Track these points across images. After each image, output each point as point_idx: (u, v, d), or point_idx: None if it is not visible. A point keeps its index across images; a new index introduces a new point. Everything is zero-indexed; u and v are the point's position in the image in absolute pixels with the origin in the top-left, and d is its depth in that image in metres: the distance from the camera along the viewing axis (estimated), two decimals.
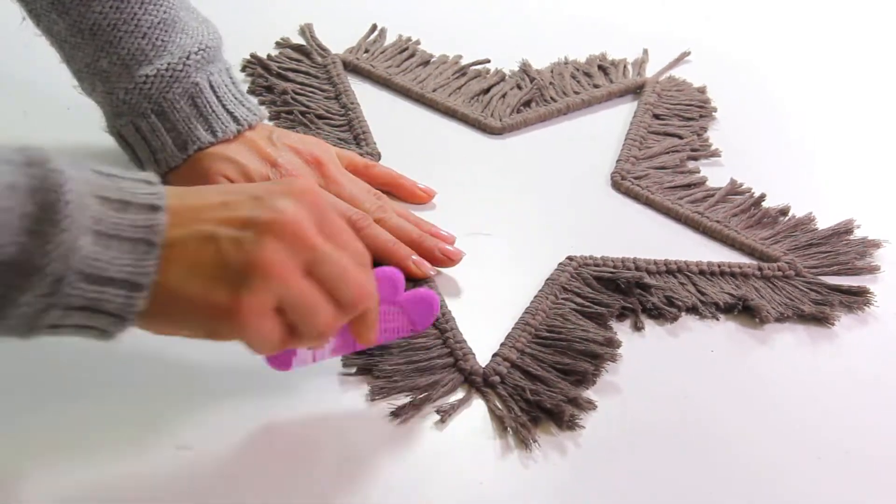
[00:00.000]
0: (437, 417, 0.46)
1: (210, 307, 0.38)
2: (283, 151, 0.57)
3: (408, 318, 0.48)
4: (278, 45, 0.78)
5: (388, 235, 0.55)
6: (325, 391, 0.47)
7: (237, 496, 0.42)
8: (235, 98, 0.57)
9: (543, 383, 0.48)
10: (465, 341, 0.50)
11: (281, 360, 0.45)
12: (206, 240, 0.38)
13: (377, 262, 0.55)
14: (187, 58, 0.55)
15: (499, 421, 0.46)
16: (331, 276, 0.40)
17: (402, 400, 0.47)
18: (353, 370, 0.48)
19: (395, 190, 0.62)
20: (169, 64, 0.54)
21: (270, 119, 0.68)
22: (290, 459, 0.44)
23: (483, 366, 0.49)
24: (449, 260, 0.56)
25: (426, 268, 0.55)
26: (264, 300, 0.38)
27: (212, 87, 0.56)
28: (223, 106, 0.56)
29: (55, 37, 0.56)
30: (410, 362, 0.48)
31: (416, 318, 0.48)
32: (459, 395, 0.48)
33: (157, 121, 0.55)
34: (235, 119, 0.56)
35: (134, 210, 0.37)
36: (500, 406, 0.47)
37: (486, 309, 0.54)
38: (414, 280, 0.54)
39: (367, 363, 0.48)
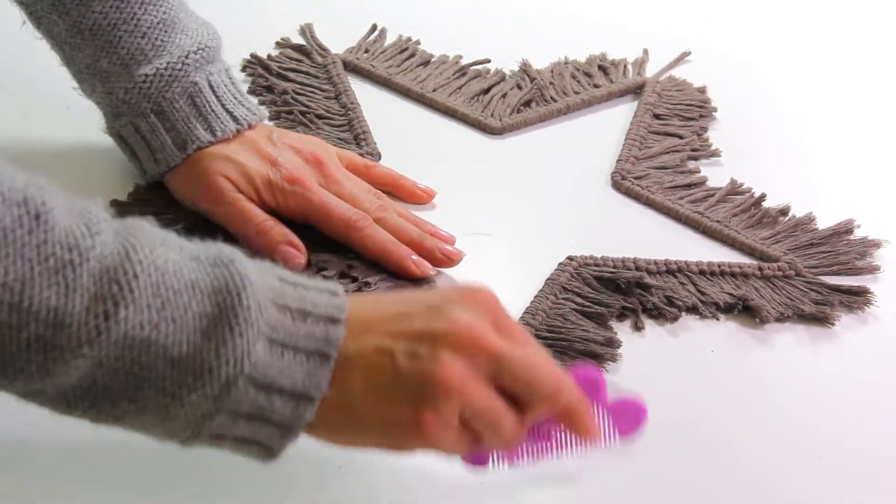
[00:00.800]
0: None
1: (390, 424, 0.37)
2: (282, 150, 0.57)
3: (614, 424, 0.42)
4: (278, 45, 0.78)
5: (388, 235, 0.55)
6: None
7: (237, 496, 0.42)
8: (235, 98, 0.57)
9: None
10: None
11: (477, 459, 0.41)
12: (381, 353, 0.37)
13: (381, 269, 0.55)
14: (186, 57, 0.55)
15: None
16: (521, 377, 0.38)
17: None
18: None
19: (395, 190, 0.62)
20: (168, 63, 0.54)
21: (270, 119, 0.68)
22: (290, 459, 0.43)
23: None
24: (449, 260, 0.56)
25: (426, 268, 0.55)
26: (447, 414, 0.36)
27: (211, 86, 0.56)
28: (222, 105, 0.56)
29: (55, 38, 0.56)
30: None
31: (623, 426, 0.42)
32: None
33: (156, 120, 0.55)
34: (235, 118, 0.56)
35: (312, 321, 0.36)
36: None
37: None
38: (414, 280, 0.54)
39: None
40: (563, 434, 0.40)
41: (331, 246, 0.56)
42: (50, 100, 0.65)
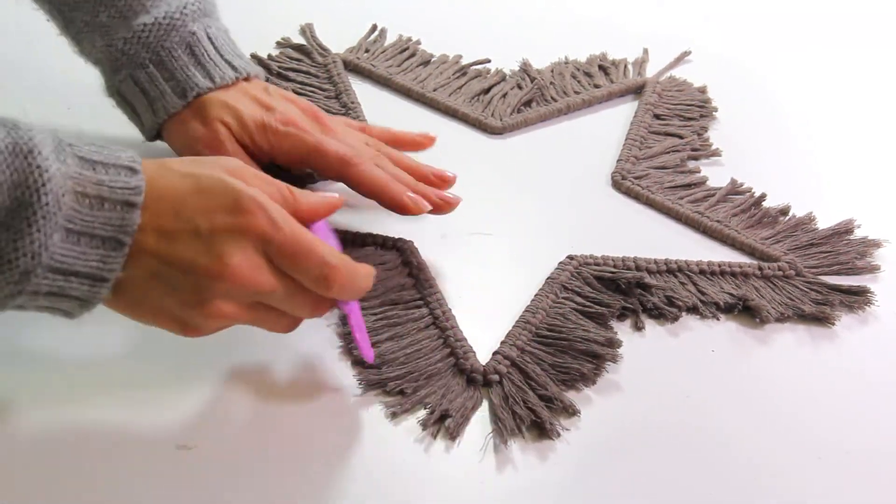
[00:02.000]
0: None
1: (163, 322, 0.42)
2: (278, 99, 0.58)
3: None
4: (279, 44, 0.78)
5: (382, 173, 0.55)
6: (325, 391, 0.47)
7: (237, 496, 0.42)
8: (233, 52, 0.58)
9: (537, 385, 0.48)
10: (465, 339, 0.50)
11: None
12: (153, 276, 0.41)
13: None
14: (184, 8, 0.56)
15: (499, 420, 0.46)
16: (281, 306, 0.44)
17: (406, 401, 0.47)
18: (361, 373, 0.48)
19: (394, 144, 0.62)
20: (166, 13, 0.55)
21: None
22: (290, 459, 0.44)
23: (483, 364, 0.49)
24: (446, 204, 0.56)
25: (422, 204, 0.55)
26: (212, 330, 0.43)
27: (209, 37, 0.57)
28: (220, 55, 0.57)
29: (53, 2, 0.57)
30: (416, 371, 0.48)
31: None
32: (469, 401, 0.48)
33: (155, 70, 0.56)
34: (233, 67, 0.57)
35: (109, 206, 0.39)
36: (498, 405, 0.47)
37: (487, 308, 0.54)
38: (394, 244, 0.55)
39: (375, 376, 0.48)
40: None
41: None
42: (50, 99, 0.65)
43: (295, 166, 0.58)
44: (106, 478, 0.42)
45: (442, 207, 0.56)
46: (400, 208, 0.55)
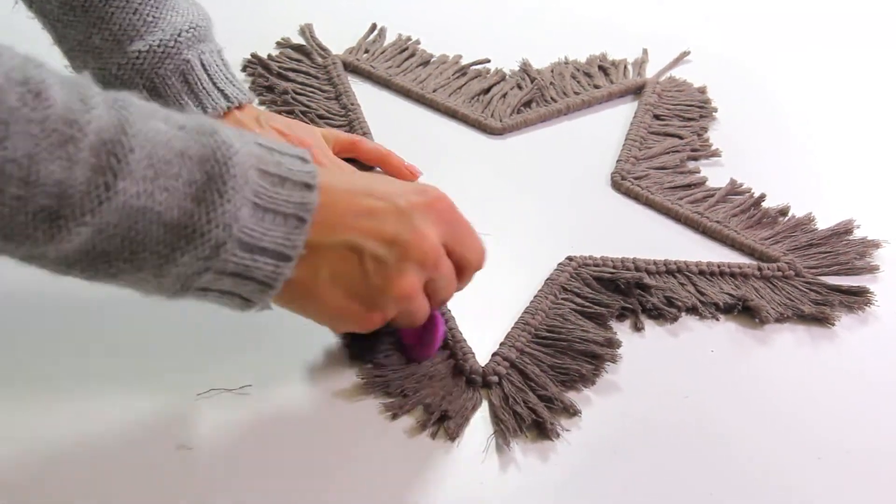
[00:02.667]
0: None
1: (341, 312, 0.43)
2: (269, 133, 0.58)
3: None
4: (279, 44, 0.78)
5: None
6: (325, 392, 0.47)
7: (237, 496, 0.42)
8: (226, 77, 0.59)
9: (536, 385, 0.48)
10: (464, 341, 0.50)
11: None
12: (352, 249, 0.42)
13: None
14: (178, 35, 0.56)
15: (498, 421, 0.46)
16: (441, 290, 0.46)
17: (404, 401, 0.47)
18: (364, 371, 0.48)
19: (382, 165, 0.64)
20: (161, 41, 0.55)
21: None
22: (290, 459, 0.44)
23: (483, 365, 0.49)
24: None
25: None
26: (390, 316, 0.44)
27: (203, 65, 0.57)
28: (213, 83, 0.57)
29: (47, 17, 0.57)
30: (417, 372, 0.48)
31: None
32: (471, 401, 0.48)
33: (148, 97, 0.56)
34: (226, 96, 0.58)
35: (290, 186, 0.40)
36: (498, 405, 0.47)
37: (486, 308, 0.54)
38: None
39: (377, 377, 0.48)
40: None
41: None
42: None
43: None
44: (106, 478, 0.42)
45: None
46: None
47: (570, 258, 0.57)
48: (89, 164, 0.34)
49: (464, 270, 0.46)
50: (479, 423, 0.47)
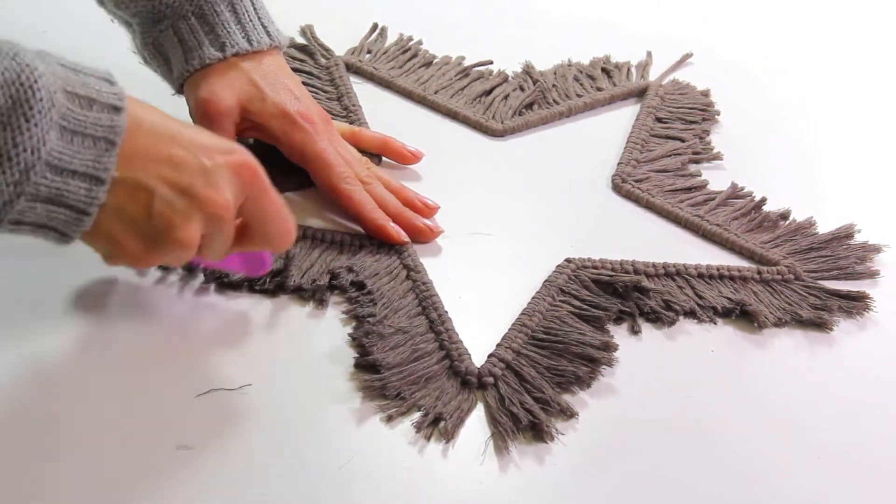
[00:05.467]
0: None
1: (119, 247, 0.43)
2: (305, 95, 0.60)
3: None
4: None
5: (369, 199, 0.58)
6: (325, 393, 0.48)
7: (237, 496, 0.42)
8: (268, 16, 0.60)
9: (532, 387, 0.48)
10: (460, 342, 0.51)
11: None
12: (142, 189, 0.41)
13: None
14: None
15: (495, 421, 0.47)
16: (208, 249, 0.45)
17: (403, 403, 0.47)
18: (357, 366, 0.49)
19: (383, 151, 0.65)
20: None
21: None
22: (290, 459, 0.44)
23: (478, 366, 0.49)
24: (431, 232, 0.59)
25: (402, 234, 0.57)
26: (164, 260, 0.45)
27: None
28: (259, 19, 0.59)
29: None
30: (412, 374, 0.48)
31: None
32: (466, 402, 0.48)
33: (196, 23, 0.57)
34: (269, 34, 0.59)
35: (98, 108, 0.40)
36: (494, 407, 0.47)
37: (484, 309, 0.54)
38: (391, 246, 0.57)
39: (374, 381, 0.48)
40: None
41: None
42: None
43: (293, 160, 0.60)
44: (106, 478, 0.42)
45: (426, 234, 0.59)
46: (379, 234, 0.57)
47: (568, 260, 0.57)
48: None
49: (253, 237, 0.46)
50: (476, 424, 0.47)
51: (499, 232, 0.61)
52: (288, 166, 0.61)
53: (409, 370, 0.48)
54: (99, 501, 0.41)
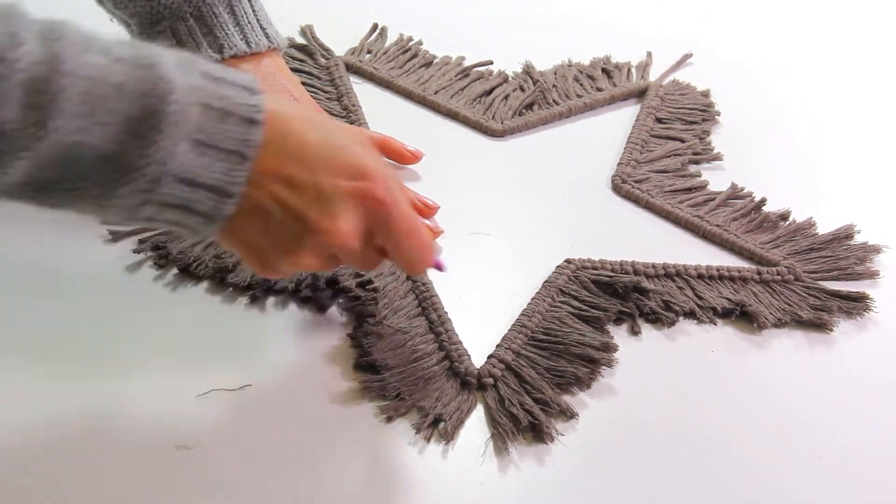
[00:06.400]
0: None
1: (244, 256, 0.43)
2: (305, 94, 0.60)
3: None
4: None
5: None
6: (324, 393, 0.48)
7: (237, 496, 0.42)
8: (266, 17, 0.61)
9: (532, 388, 0.48)
10: (460, 342, 0.51)
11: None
12: (261, 211, 0.41)
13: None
14: None
15: (495, 422, 0.47)
16: (351, 263, 0.45)
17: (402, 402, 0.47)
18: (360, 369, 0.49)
19: (384, 151, 0.65)
20: None
21: None
22: (291, 459, 0.44)
23: (478, 367, 0.50)
24: (432, 232, 0.58)
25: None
26: (287, 274, 0.44)
27: (249, 0, 0.59)
28: (257, 20, 0.59)
29: None
30: (412, 375, 0.48)
31: None
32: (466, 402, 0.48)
33: (195, 24, 0.57)
34: (267, 35, 0.60)
35: (233, 122, 0.39)
36: (494, 408, 0.47)
37: (484, 310, 0.54)
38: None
39: (374, 381, 0.48)
40: None
41: None
42: None
43: None
44: (106, 478, 0.42)
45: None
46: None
47: (568, 261, 0.57)
48: (21, 102, 0.34)
49: (392, 258, 0.45)
50: (476, 425, 0.47)
51: (499, 232, 0.61)
52: None
53: (408, 371, 0.48)
54: (99, 501, 0.41)
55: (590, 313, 0.53)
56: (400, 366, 0.49)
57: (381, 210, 0.42)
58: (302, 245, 0.42)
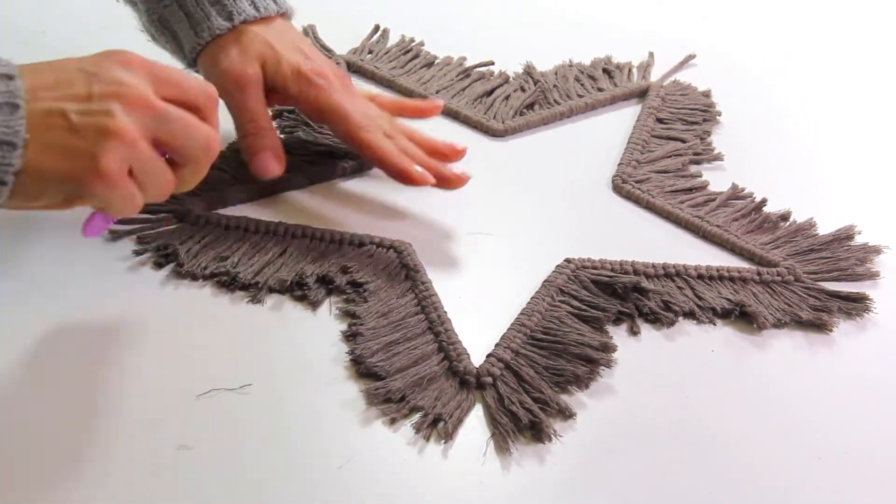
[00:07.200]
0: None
1: (70, 175, 0.41)
2: (316, 51, 0.61)
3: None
4: None
5: (391, 144, 0.58)
6: (324, 392, 0.48)
7: (237, 496, 0.42)
8: None
9: (530, 387, 0.48)
10: (459, 342, 0.51)
11: (95, 229, 0.48)
12: (52, 114, 0.41)
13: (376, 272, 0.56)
14: None
15: (495, 421, 0.47)
16: (177, 133, 0.44)
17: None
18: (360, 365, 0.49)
19: (402, 113, 0.65)
20: None
21: (273, 118, 0.68)
22: (290, 460, 0.44)
23: (477, 366, 0.50)
24: (457, 178, 0.59)
25: (427, 176, 0.58)
26: (122, 164, 0.42)
27: None
28: None
29: None
30: (412, 375, 0.48)
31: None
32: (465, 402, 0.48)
33: None
34: (275, 0, 0.60)
35: None
36: (494, 407, 0.47)
37: (485, 309, 0.54)
38: (390, 245, 0.57)
39: (377, 386, 0.48)
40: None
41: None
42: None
43: (312, 118, 0.61)
44: (106, 478, 0.42)
45: (451, 181, 0.59)
46: (405, 178, 0.58)
47: (568, 260, 0.57)
48: None
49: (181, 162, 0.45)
50: (476, 424, 0.47)
51: (499, 232, 0.61)
52: (289, 166, 0.61)
53: (410, 373, 0.48)
54: (99, 501, 0.41)
55: (589, 313, 0.53)
56: (401, 370, 0.49)
57: (145, 62, 0.43)
58: (110, 111, 0.41)
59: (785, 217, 0.64)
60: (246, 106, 0.58)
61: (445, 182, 0.59)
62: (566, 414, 0.47)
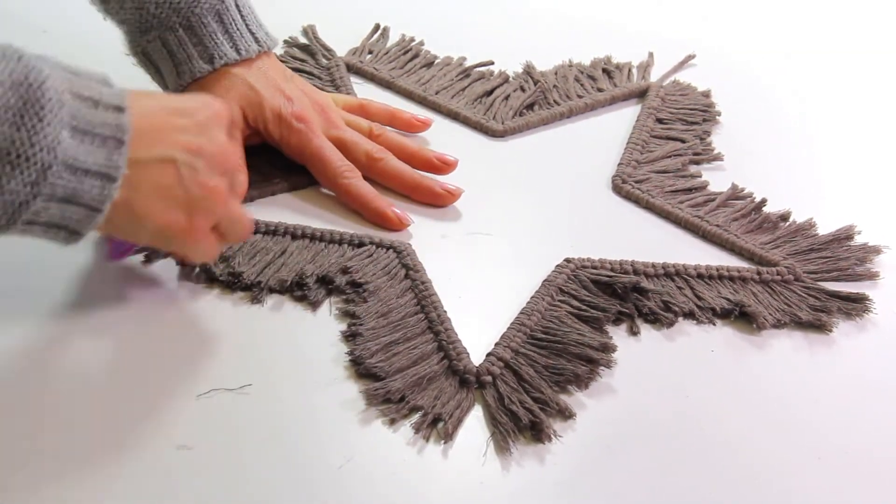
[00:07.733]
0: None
1: (167, 225, 0.44)
2: (297, 92, 0.61)
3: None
4: (286, 43, 0.78)
5: (372, 189, 0.60)
6: (324, 392, 0.48)
7: (237, 496, 0.42)
8: (256, 20, 0.61)
9: (530, 387, 0.48)
10: (459, 341, 0.51)
11: (121, 254, 0.52)
12: (165, 161, 0.43)
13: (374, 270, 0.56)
14: None
15: (495, 421, 0.47)
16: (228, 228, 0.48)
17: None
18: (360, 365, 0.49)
19: (392, 124, 0.67)
20: None
21: None
22: (290, 460, 0.44)
23: (476, 365, 0.50)
24: (449, 195, 0.61)
25: (406, 219, 0.59)
26: (210, 222, 0.46)
27: (237, 6, 0.60)
28: (246, 26, 0.60)
29: None
30: (412, 375, 0.48)
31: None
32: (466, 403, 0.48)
33: (184, 34, 0.58)
34: (257, 40, 0.60)
35: (103, 109, 0.41)
36: (493, 406, 0.47)
37: (483, 308, 0.54)
38: (390, 245, 0.57)
39: (377, 387, 0.48)
40: None
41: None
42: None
43: (295, 159, 0.62)
44: (106, 478, 0.42)
45: (446, 199, 0.61)
46: (382, 222, 0.59)
47: (568, 260, 0.57)
48: None
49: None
50: (475, 424, 0.47)
51: (499, 232, 0.61)
52: (289, 166, 0.61)
53: (410, 373, 0.48)
54: (99, 501, 0.41)
55: (589, 313, 0.53)
56: (401, 370, 0.49)
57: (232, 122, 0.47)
58: (210, 175, 0.44)
59: (785, 217, 0.64)
60: None
61: (438, 199, 0.61)
62: (566, 414, 0.47)
